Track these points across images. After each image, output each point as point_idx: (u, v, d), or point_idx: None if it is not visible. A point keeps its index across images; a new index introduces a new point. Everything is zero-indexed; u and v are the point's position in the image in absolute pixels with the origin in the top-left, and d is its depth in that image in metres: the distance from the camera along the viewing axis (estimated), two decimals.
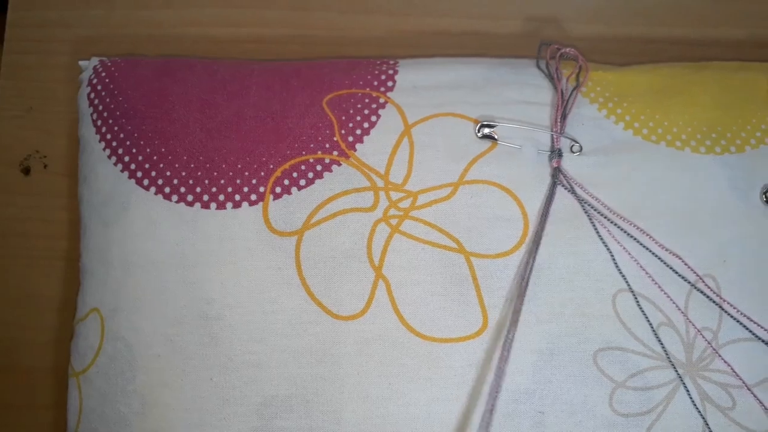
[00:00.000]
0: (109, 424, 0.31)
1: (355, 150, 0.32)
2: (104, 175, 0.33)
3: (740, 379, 0.30)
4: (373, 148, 0.32)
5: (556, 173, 0.32)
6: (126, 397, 0.31)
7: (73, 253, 0.38)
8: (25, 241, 0.39)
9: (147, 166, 0.33)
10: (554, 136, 0.33)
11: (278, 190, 0.32)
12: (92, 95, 0.35)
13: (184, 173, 0.32)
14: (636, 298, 0.31)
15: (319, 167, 0.32)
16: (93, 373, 0.32)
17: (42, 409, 0.38)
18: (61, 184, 0.40)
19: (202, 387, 0.30)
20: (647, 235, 0.31)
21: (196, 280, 0.31)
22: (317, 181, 0.32)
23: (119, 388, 0.31)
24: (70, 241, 0.39)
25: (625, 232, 0.31)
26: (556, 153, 0.33)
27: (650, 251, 0.31)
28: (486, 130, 0.33)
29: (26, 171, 0.40)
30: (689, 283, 0.31)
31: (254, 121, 0.33)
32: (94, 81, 0.36)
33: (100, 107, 0.35)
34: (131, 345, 0.31)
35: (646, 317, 0.31)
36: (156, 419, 0.30)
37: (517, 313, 0.29)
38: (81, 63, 0.38)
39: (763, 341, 0.31)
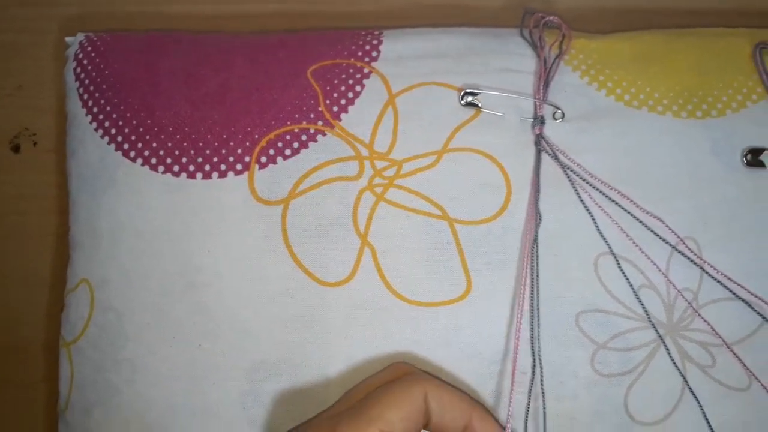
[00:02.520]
0: (100, 392, 0.32)
1: (340, 120, 0.33)
2: (91, 149, 0.34)
3: (720, 337, 0.31)
4: (358, 117, 0.33)
5: (539, 140, 0.33)
6: (116, 365, 0.31)
7: (64, 230, 0.39)
8: (16, 219, 0.40)
9: (133, 138, 0.33)
10: (537, 104, 0.33)
11: (264, 159, 0.32)
12: (78, 70, 0.36)
13: (169, 144, 0.33)
14: (617, 261, 0.31)
15: (304, 137, 0.33)
16: (83, 342, 0.32)
17: (35, 385, 0.38)
18: (50, 161, 0.40)
19: (192, 354, 0.31)
20: (628, 199, 0.32)
21: (183, 249, 0.31)
22: (302, 151, 0.32)
23: (109, 356, 0.31)
24: (60, 217, 0.39)
25: (606, 196, 0.32)
26: (538, 120, 0.33)
27: (632, 215, 0.32)
28: (469, 98, 0.33)
29: (16, 149, 0.40)
30: (670, 245, 0.32)
31: (239, 92, 0.33)
32: (80, 56, 0.36)
33: (87, 81, 0.35)
34: (121, 314, 0.32)
35: (628, 280, 0.31)
36: (146, 386, 0.31)
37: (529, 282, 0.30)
38: (67, 39, 0.38)
39: (742, 300, 0.31)
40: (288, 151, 0.32)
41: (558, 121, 0.33)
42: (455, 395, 0.28)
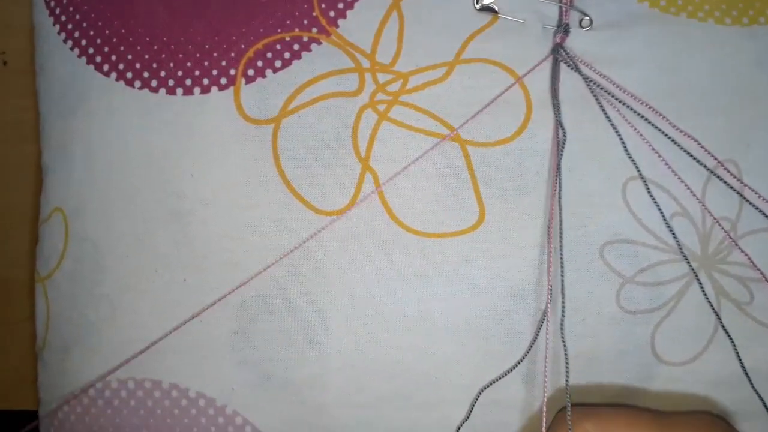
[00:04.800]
0: (77, 329, 0.29)
1: (337, 26, 0.29)
2: (61, 63, 0.30)
3: (759, 271, 0.28)
4: (358, 23, 0.29)
5: (557, 49, 0.29)
6: (94, 301, 0.29)
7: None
8: None
9: (106, 50, 0.30)
10: (562, 9, 0.29)
11: (251, 72, 0.29)
12: None
13: (146, 56, 0.29)
14: (647, 186, 0.28)
15: (296, 46, 0.29)
16: (59, 277, 0.30)
17: (19, 323, 0.37)
18: (24, 82, 0.38)
19: (176, 289, 0.28)
20: (662, 116, 0.28)
21: (164, 173, 0.28)
22: (295, 62, 0.29)
23: (86, 291, 0.29)
24: (38, 144, 0.36)
25: (637, 113, 0.28)
26: (562, 28, 0.29)
27: (665, 134, 0.28)
28: (486, 1, 0.29)
29: None
30: (707, 169, 0.28)
31: None
32: None
33: None
34: (97, 245, 0.29)
35: (659, 207, 0.28)
36: (126, 325, 0.28)
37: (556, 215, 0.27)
38: None
39: None
40: (278, 63, 0.29)
41: (585, 29, 0.29)
42: None
